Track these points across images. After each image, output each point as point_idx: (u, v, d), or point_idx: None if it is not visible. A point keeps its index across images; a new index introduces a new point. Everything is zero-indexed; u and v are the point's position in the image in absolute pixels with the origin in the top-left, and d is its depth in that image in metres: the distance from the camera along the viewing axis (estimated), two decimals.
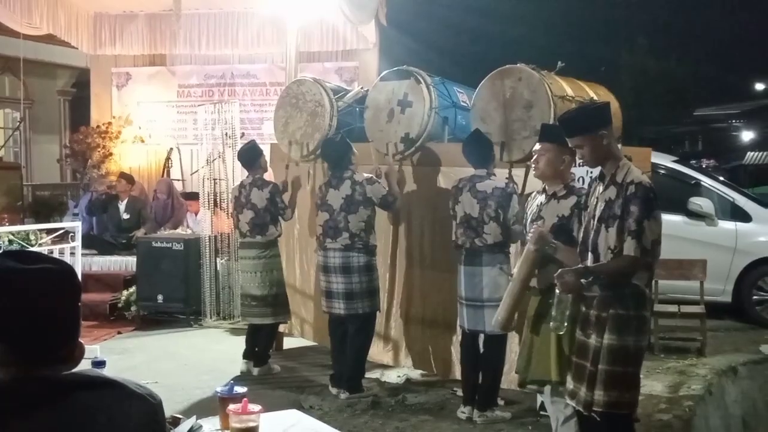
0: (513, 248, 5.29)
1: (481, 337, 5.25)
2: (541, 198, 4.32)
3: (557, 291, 3.67)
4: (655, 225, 3.48)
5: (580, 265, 3.68)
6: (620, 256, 3.49)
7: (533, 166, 4.32)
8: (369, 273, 5.76)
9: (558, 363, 3.99)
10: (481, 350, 5.28)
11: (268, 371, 6.52)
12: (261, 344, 6.57)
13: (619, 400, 3.51)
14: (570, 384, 3.73)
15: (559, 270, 3.68)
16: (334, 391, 5.82)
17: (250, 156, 6.57)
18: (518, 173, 5.37)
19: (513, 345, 5.32)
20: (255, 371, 6.47)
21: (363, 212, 5.71)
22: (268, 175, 6.95)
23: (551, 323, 3.77)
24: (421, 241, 6.10)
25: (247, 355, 6.58)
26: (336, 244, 5.73)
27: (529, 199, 4.50)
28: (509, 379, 5.37)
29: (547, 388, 4.26)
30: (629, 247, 3.45)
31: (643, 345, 3.61)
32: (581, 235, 3.82)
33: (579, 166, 5.02)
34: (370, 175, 5.82)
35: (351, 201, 5.69)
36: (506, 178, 5.24)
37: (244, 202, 6.46)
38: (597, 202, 3.66)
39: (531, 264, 4.10)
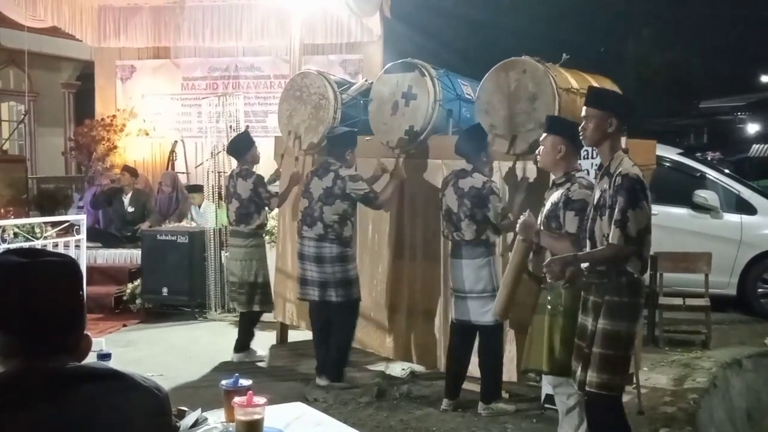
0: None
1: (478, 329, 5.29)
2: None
3: (548, 278, 3.90)
4: (641, 215, 3.60)
5: (568, 254, 3.84)
6: (606, 245, 3.65)
7: (537, 156, 4.46)
8: (342, 263, 5.78)
9: (549, 354, 4.12)
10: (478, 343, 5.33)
11: (247, 357, 6.62)
12: (245, 332, 6.73)
13: (609, 382, 3.68)
14: (573, 364, 3.88)
15: (548, 259, 3.86)
16: (318, 381, 5.88)
17: (239, 146, 6.72)
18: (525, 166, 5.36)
19: (509, 337, 5.36)
20: (233, 357, 6.62)
21: (339, 205, 5.73)
22: (271, 169, 6.98)
23: (548, 306, 4.05)
24: (425, 233, 6.09)
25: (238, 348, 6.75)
26: (311, 233, 5.81)
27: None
28: (508, 371, 5.39)
29: (550, 378, 4.34)
30: (613, 236, 3.61)
31: (635, 331, 3.78)
32: (574, 226, 4.08)
33: (583, 158, 5.03)
34: (355, 173, 5.85)
35: (330, 193, 5.73)
36: (486, 180, 5.21)
37: (232, 192, 6.62)
38: (596, 192, 3.82)
39: (521, 253, 4.28)
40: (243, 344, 6.71)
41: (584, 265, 3.76)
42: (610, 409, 3.77)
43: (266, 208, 6.67)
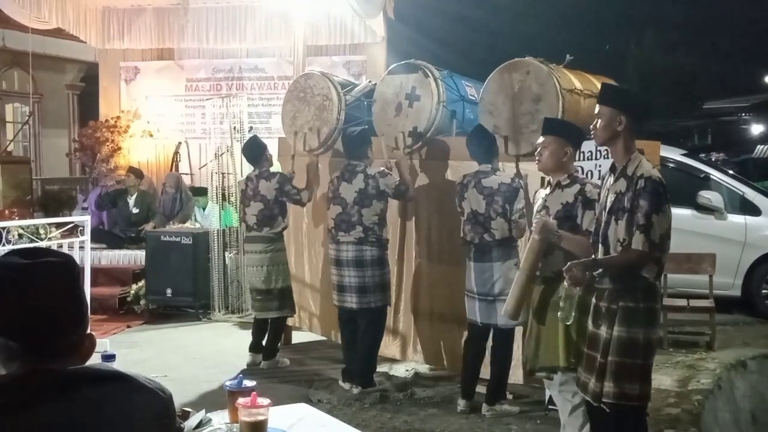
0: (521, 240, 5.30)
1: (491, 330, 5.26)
2: (546, 190, 4.37)
3: (565, 284, 3.72)
4: (663, 219, 3.49)
5: (588, 258, 3.71)
6: (629, 250, 3.50)
7: (537, 158, 4.36)
8: (381, 267, 5.76)
9: (566, 349, 4.03)
10: (491, 344, 5.30)
11: (276, 365, 6.54)
12: (269, 338, 6.60)
13: (629, 392, 3.52)
14: (580, 375, 3.76)
15: (568, 263, 3.70)
16: (346, 386, 5.83)
17: (255, 152, 6.61)
18: (528, 167, 5.33)
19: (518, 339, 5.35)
20: (263, 365, 6.51)
21: (377, 205, 5.70)
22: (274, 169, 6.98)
23: (559, 313, 3.85)
24: (429, 234, 6.10)
25: (253, 348, 6.64)
26: (349, 237, 5.71)
27: (536, 193, 4.52)
28: (516, 373, 5.38)
29: (556, 378, 4.27)
30: (637, 241, 3.46)
31: (653, 337, 3.60)
32: (593, 226, 3.88)
33: (587, 159, 5.03)
34: (382, 168, 5.82)
35: (365, 194, 5.68)
36: (513, 176, 5.21)
37: (252, 195, 6.47)
38: (608, 194, 3.68)
39: (536, 254, 4.16)
40: (272, 352, 6.57)
41: (597, 270, 3.64)
42: (632, 420, 3.62)
43: (298, 204, 6.53)
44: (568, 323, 3.86)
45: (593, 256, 3.73)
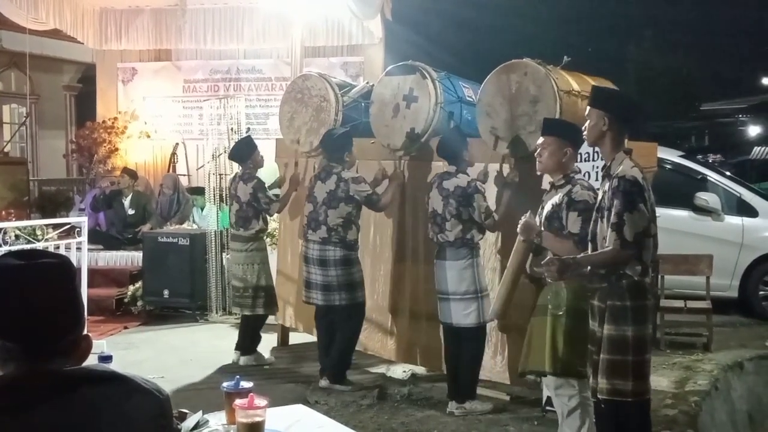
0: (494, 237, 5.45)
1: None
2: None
3: (547, 279, 3.86)
4: (638, 217, 3.55)
5: (568, 256, 3.81)
6: (605, 249, 3.61)
7: (537, 159, 4.38)
8: (346, 267, 5.79)
9: (551, 355, 4.09)
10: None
11: (260, 361, 6.60)
12: (248, 334, 6.73)
13: (621, 388, 3.60)
14: (589, 369, 3.82)
15: (547, 258, 3.80)
16: (324, 383, 5.87)
17: (242, 151, 6.72)
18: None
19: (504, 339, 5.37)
20: (241, 360, 6.61)
21: (343, 208, 5.74)
22: (272, 171, 6.99)
23: (549, 306, 3.98)
24: (426, 235, 6.09)
25: (238, 347, 6.75)
26: (315, 236, 5.82)
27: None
28: (503, 375, 5.39)
29: (550, 380, 4.29)
30: (610, 240, 3.57)
31: (644, 334, 3.66)
32: (577, 227, 4.04)
33: (584, 161, 5.03)
34: (358, 175, 5.86)
35: (333, 196, 5.75)
36: (471, 179, 5.27)
37: (233, 195, 6.69)
38: (600, 193, 3.80)
39: (521, 254, 4.28)
40: (250, 348, 6.70)
41: (576, 268, 3.71)
42: (633, 415, 3.66)
43: (265, 213, 6.66)
44: (559, 313, 3.95)
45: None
